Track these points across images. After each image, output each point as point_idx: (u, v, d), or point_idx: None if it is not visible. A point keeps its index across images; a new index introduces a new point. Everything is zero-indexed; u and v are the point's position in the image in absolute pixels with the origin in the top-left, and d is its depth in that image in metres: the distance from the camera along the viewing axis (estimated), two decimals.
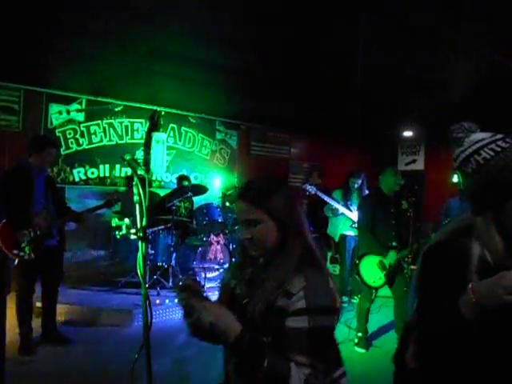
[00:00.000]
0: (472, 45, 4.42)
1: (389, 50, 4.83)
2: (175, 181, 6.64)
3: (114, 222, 2.21)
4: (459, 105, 6.51)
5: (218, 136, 7.57)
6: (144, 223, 2.24)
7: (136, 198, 2.25)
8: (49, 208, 3.51)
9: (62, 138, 5.87)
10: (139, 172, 2.30)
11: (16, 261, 3.07)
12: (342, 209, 5.31)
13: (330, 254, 7.31)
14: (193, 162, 7.21)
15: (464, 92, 5.99)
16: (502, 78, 5.26)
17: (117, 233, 1.89)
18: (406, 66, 5.26)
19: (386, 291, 4.38)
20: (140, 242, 2.28)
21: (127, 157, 2.34)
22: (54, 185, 3.80)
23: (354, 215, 5.27)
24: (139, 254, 2.28)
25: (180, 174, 6.58)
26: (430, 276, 1.18)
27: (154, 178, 6.66)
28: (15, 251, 3.13)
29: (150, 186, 6.50)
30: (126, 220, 2.19)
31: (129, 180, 6.45)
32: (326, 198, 5.37)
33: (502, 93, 5.66)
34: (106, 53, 5.04)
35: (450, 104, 6.50)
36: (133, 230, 2.19)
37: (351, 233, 5.34)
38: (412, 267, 3.81)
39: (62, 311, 4.15)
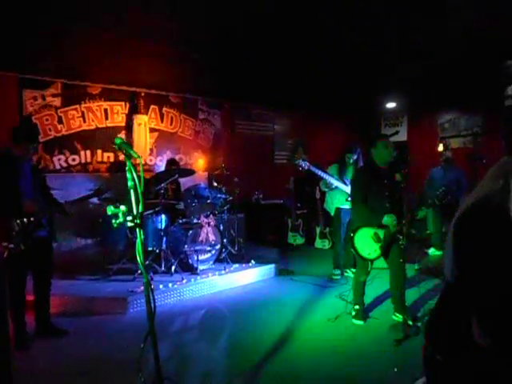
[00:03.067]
0: (456, 8, 4.37)
1: (371, 19, 4.76)
2: (160, 164, 6.51)
3: (110, 210, 2.10)
4: (441, 75, 6.53)
5: (201, 115, 7.40)
6: (141, 209, 2.18)
7: (130, 183, 2.17)
8: (37, 197, 3.38)
9: (39, 125, 5.62)
10: (133, 155, 2.22)
11: (5, 253, 2.95)
12: (336, 182, 5.29)
13: (318, 230, 7.38)
14: (176, 143, 7.05)
15: (445, 61, 5.97)
16: (482, 44, 5.24)
17: (113, 221, 1.80)
18: (389, 34, 5.19)
19: (378, 263, 4.43)
20: (138, 229, 2.22)
21: (118, 140, 2.24)
22: (39, 174, 3.66)
23: (348, 189, 5.27)
24: (138, 241, 2.22)
25: (169, 158, 6.45)
26: (477, 242, 1.12)
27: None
28: (4, 243, 3.01)
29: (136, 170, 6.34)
30: (123, 207, 2.09)
31: (114, 165, 6.30)
32: (320, 173, 5.33)
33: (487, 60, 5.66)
34: (81, 33, 4.81)
35: (431, 74, 6.50)
36: (129, 218, 2.09)
37: (346, 206, 5.34)
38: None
39: (54, 303, 4.03)
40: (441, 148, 6.58)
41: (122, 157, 6.40)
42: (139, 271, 4.94)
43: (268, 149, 8.46)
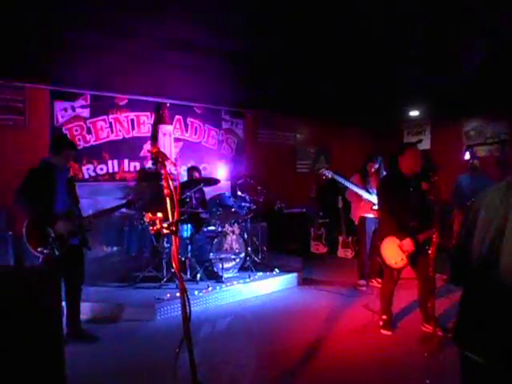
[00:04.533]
0: (482, 18, 4.33)
1: (397, 26, 4.75)
2: (184, 173, 6.59)
3: (148, 217, 2.17)
4: (465, 83, 6.45)
5: (224, 125, 7.50)
6: (176, 216, 2.23)
7: (166, 191, 2.23)
8: (72, 206, 3.50)
9: (69, 136, 5.79)
10: (168, 165, 2.27)
11: (40, 259, 3.05)
12: (360, 191, 5.28)
13: (341, 239, 7.34)
14: (200, 152, 7.14)
15: (471, 70, 5.90)
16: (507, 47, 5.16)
17: (151, 228, 1.86)
18: (413, 44, 5.17)
19: (406, 272, 4.37)
20: (173, 236, 2.27)
21: (154, 150, 2.30)
22: (73, 185, 3.78)
23: (373, 197, 5.24)
24: (174, 248, 2.26)
25: (190, 165, 6.52)
26: None
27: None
28: (40, 249, 3.11)
29: (161, 179, 6.44)
30: (159, 214, 2.15)
31: (141, 173, 6.43)
32: (344, 182, 5.32)
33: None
34: (109, 45, 4.95)
35: (456, 82, 6.42)
36: (165, 225, 2.14)
37: (371, 215, 5.31)
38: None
39: (83, 309, 4.12)
40: (467, 156, 6.46)
41: (148, 166, 6.53)
42: (165, 279, 5.01)
43: (290, 158, 8.48)
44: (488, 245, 1.36)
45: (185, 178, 6.27)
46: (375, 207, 5.18)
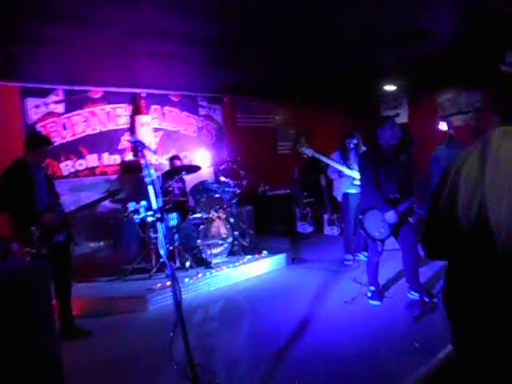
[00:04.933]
0: None
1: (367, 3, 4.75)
2: (166, 162, 6.56)
3: (132, 205, 2.19)
4: (440, 55, 6.52)
5: (202, 112, 7.44)
6: (160, 203, 2.24)
7: (148, 179, 2.23)
8: (53, 203, 3.47)
9: (43, 133, 5.66)
10: (149, 153, 2.27)
11: (28, 258, 3.03)
12: (341, 168, 5.36)
13: (326, 217, 7.45)
14: (180, 141, 7.10)
15: (446, 41, 5.96)
16: (485, 25, 5.23)
17: (136, 217, 1.87)
18: (386, 14, 5.18)
19: (390, 244, 4.49)
20: (158, 224, 2.28)
21: (133, 139, 2.30)
22: (51, 181, 3.74)
23: (354, 173, 5.31)
24: (160, 235, 2.28)
25: (172, 154, 6.49)
26: None
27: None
28: (26, 248, 3.09)
29: (142, 170, 6.40)
30: (143, 202, 2.16)
31: (122, 166, 6.37)
32: (325, 159, 5.39)
33: (485, 41, 5.64)
34: (79, 37, 4.83)
35: (430, 54, 6.49)
36: (150, 212, 2.16)
37: (353, 190, 5.40)
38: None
39: (74, 305, 4.10)
40: (444, 127, 6.59)
41: (128, 158, 6.47)
42: (154, 269, 5.02)
43: (270, 140, 8.50)
44: (475, 212, 1.29)
45: (167, 168, 6.24)
46: (356, 182, 5.27)
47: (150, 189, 2.17)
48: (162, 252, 2.20)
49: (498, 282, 1.26)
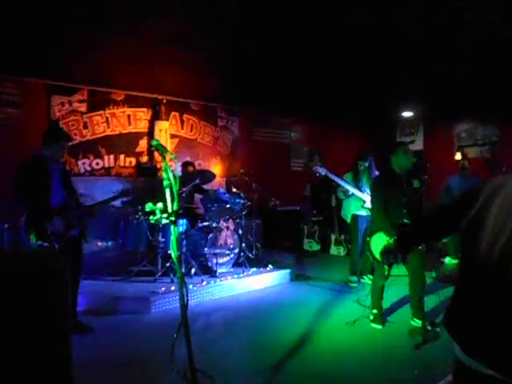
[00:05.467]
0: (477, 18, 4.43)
1: (391, 28, 4.85)
2: (179, 168, 6.65)
3: (149, 207, 2.24)
4: (457, 84, 6.58)
5: (220, 123, 7.56)
6: (175, 207, 2.30)
7: (166, 182, 2.29)
8: (67, 198, 3.54)
9: (65, 130, 5.81)
10: (169, 156, 2.34)
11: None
12: (352, 189, 5.38)
13: (334, 237, 7.44)
14: (196, 149, 7.21)
15: (463, 70, 6.02)
16: (505, 54, 5.28)
17: (151, 218, 1.92)
18: (407, 43, 5.27)
19: (396, 270, 4.47)
20: (172, 226, 2.34)
21: (155, 142, 2.37)
22: (69, 177, 3.82)
23: (364, 196, 5.33)
24: (172, 238, 2.33)
25: (185, 160, 6.58)
26: None
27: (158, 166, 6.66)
28: (39, 242, 3.15)
29: (156, 174, 6.50)
30: (159, 205, 2.22)
31: (138, 169, 6.48)
32: (337, 179, 5.42)
33: (503, 71, 5.69)
34: (107, 41, 5.00)
35: (448, 83, 6.55)
36: (165, 215, 2.21)
37: (363, 213, 5.41)
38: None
39: (79, 301, 4.17)
40: (458, 157, 6.61)
41: (144, 160, 6.58)
42: (159, 273, 5.07)
43: (284, 156, 8.57)
44: (503, 243, 1.25)
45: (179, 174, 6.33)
46: (366, 205, 5.29)
47: (167, 192, 2.23)
48: (172, 254, 2.25)
49: (502, 319, 1.25)
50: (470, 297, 1.39)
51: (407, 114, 8.67)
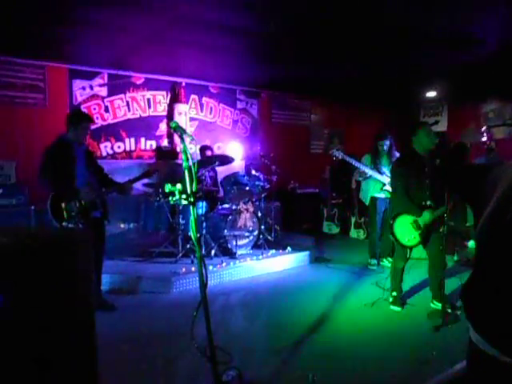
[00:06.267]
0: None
1: (416, 5, 4.68)
2: (198, 152, 6.69)
3: (168, 188, 2.28)
4: (482, 64, 6.33)
5: (239, 105, 7.53)
6: (195, 189, 2.33)
7: (185, 163, 2.32)
8: (91, 180, 3.63)
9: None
10: (188, 138, 2.36)
11: None
12: (370, 172, 5.31)
13: (353, 219, 7.40)
14: (215, 132, 7.22)
15: (491, 50, 5.79)
16: None
17: (170, 199, 1.96)
18: (432, 21, 5.09)
19: (416, 253, 4.44)
20: (191, 207, 2.37)
21: (173, 124, 2.39)
22: (93, 157, 3.91)
23: (383, 178, 5.26)
24: (191, 218, 2.37)
25: (202, 144, 6.61)
26: None
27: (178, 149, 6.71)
28: (64, 223, 3.26)
29: (176, 157, 6.57)
30: (179, 186, 2.25)
31: (158, 152, 6.55)
32: (354, 162, 5.35)
33: None
34: (126, 24, 5.00)
35: (474, 63, 6.31)
36: (184, 196, 2.25)
37: (382, 195, 5.36)
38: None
39: (103, 280, 4.31)
40: (484, 138, 6.39)
41: (164, 144, 6.65)
42: (180, 255, 5.16)
43: (304, 138, 8.50)
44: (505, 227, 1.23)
45: (198, 158, 6.37)
46: (386, 187, 5.22)
47: (186, 173, 2.26)
48: (192, 235, 2.29)
49: None
50: (485, 280, 1.37)
51: (431, 94, 8.42)
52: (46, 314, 1.51)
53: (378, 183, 5.35)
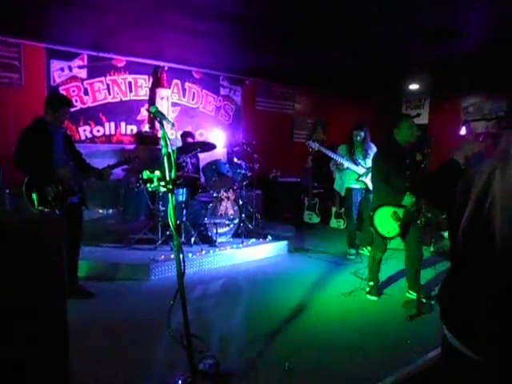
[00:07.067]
0: None
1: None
2: (179, 138, 6.60)
3: (146, 174, 2.23)
4: (466, 57, 6.40)
5: (223, 92, 7.44)
6: (173, 176, 2.29)
7: (164, 150, 2.27)
8: (69, 164, 3.54)
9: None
10: (168, 124, 2.31)
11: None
12: (346, 163, 5.35)
13: (334, 209, 7.45)
14: (197, 118, 7.12)
15: (472, 43, 5.84)
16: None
17: (148, 185, 1.92)
18: (414, 14, 5.09)
19: (393, 243, 4.50)
20: (169, 194, 2.33)
21: (153, 109, 2.33)
22: (71, 141, 3.80)
23: (359, 169, 5.31)
24: (169, 206, 2.33)
25: (184, 130, 6.52)
26: None
27: (159, 135, 6.60)
28: (40, 207, 3.17)
29: (157, 143, 6.47)
30: (157, 172, 2.20)
31: (138, 137, 6.43)
32: (329, 153, 5.39)
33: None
34: (108, 4, 4.84)
35: (456, 56, 6.37)
36: (162, 183, 2.20)
37: (357, 186, 5.41)
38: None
39: (80, 267, 4.23)
40: (463, 131, 6.50)
41: (145, 129, 6.52)
42: (160, 242, 5.11)
43: (287, 127, 8.48)
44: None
45: (179, 144, 6.28)
46: (361, 178, 5.28)
47: (165, 160, 2.21)
48: (170, 222, 2.25)
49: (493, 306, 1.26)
50: (459, 284, 1.40)
51: (413, 86, 8.48)
52: (15, 302, 1.47)
53: (353, 174, 5.39)
